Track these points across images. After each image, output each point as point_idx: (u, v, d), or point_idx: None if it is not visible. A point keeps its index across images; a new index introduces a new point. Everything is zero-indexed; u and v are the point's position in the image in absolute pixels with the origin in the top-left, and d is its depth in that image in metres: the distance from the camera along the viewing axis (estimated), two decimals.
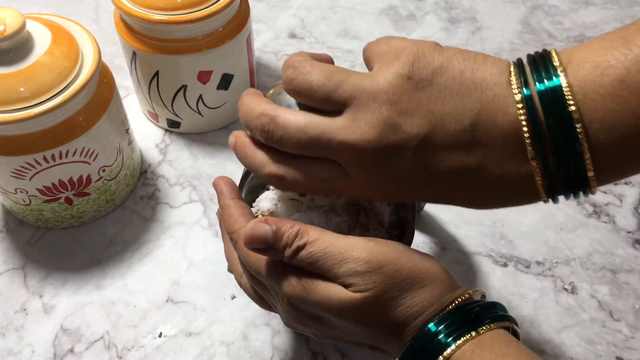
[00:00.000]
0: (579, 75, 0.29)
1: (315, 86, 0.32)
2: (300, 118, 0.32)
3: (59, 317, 0.50)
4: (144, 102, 0.62)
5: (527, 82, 0.30)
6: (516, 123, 0.29)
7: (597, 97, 0.28)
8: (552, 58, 0.30)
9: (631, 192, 0.58)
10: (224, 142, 0.63)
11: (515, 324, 0.34)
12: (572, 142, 0.28)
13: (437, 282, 0.33)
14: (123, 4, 0.53)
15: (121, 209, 0.57)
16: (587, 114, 0.28)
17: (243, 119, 0.35)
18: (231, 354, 0.48)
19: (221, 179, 0.40)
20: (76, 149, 0.49)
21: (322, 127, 0.32)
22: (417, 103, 0.31)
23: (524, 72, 0.30)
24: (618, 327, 0.49)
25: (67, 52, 0.47)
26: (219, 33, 0.55)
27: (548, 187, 0.30)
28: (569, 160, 0.29)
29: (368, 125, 0.31)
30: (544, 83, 0.29)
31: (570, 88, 0.29)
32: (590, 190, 0.30)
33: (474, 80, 0.30)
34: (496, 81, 0.30)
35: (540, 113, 0.29)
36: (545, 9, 0.78)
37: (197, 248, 0.54)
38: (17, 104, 0.44)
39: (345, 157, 0.32)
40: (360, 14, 0.77)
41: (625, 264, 0.53)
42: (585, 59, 0.29)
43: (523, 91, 0.29)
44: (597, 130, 0.28)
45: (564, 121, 0.28)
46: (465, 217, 0.56)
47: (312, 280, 0.33)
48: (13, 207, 0.54)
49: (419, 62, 0.31)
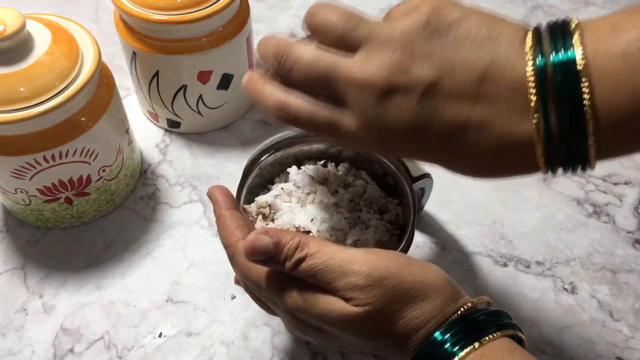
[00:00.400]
0: (592, 36, 0.29)
1: (333, 24, 0.33)
2: (313, 51, 0.33)
3: (59, 317, 0.50)
4: (144, 102, 0.62)
5: (542, 40, 0.29)
6: (523, 79, 0.29)
7: (607, 55, 0.28)
8: (570, 21, 0.30)
9: (631, 192, 0.58)
10: (224, 142, 0.63)
11: (520, 331, 0.34)
12: (576, 95, 0.28)
13: (439, 293, 0.33)
14: (123, 4, 0.53)
15: (121, 209, 0.57)
16: (596, 74, 0.28)
17: (259, 51, 0.36)
18: (231, 354, 0.48)
19: (216, 189, 0.40)
20: (76, 149, 0.49)
21: (333, 62, 0.32)
22: (430, 50, 0.31)
23: (539, 33, 0.30)
24: (618, 327, 0.49)
25: (67, 52, 0.47)
26: (219, 33, 0.55)
27: (547, 153, 0.29)
28: (571, 117, 0.28)
29: (378, 66, 0.31)
30: (557, 43, 0.29)
31: (584, 49, 0.28)
32: (589, 163, 0.29)
33: (489, 35, 0.30)
34: (510, 37, 0.30)
35: (550, 70, 0.28)
36: (545, 9, 0.78)
37: (197, 248, 0.54)
38: (17, 104, 0.44)
39: (351, 95, 0.32)
40: None
41: (625, 264, 0.53)
42: (604, 21, 0.29)
43: (535, 50, 0.29)
44: (602, 90, 0.28)
45: (570, 72, 0.28)
46: (466, 217, 0.56)
47: (313, 294, 0.33)
48: (13, 207, 0.54)
49: (437, 13, 0.31)
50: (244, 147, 0.62)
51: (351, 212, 0.46)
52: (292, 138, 0.48)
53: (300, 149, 0.48)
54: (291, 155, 0.48)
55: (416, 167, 0.46)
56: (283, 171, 0.49)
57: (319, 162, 0.49)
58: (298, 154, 0.49)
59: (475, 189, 0.58)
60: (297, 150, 0.48)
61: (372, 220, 0.45)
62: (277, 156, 0.47)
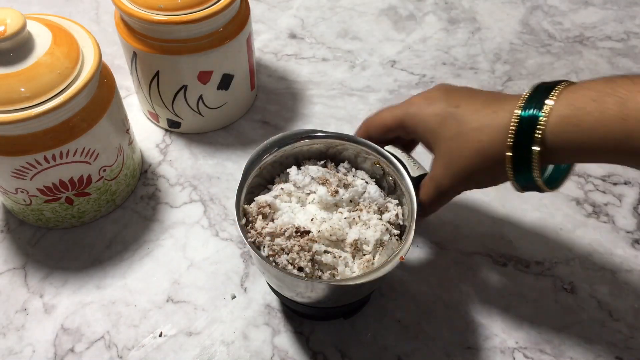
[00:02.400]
0: (562, 109, 0.37)
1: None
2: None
3: (59, 317, 0.50)
4: (144, 102, 0.62)
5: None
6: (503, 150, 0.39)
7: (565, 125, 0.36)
8: (553, 91, 0.38)
9: (630, 192, 0.58)
10: (224, 142, 0.63)
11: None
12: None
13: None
14: (123, 4, 0.53)
15: (121, 209, 0.57)
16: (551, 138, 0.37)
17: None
18: (231, 354, 0.48)
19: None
20: (77, 149, 0.49)
21: None
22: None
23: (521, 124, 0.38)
24: (618, 327, 0.49)
25: (67, 53, 0.47)
26: (220, 33, 0.55)
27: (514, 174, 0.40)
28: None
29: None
30: (529, 110, 0.38)
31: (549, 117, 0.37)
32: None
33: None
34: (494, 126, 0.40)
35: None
36: (544, 9, 0.78)
37: (197, 248, 0.54)
38: (17, 104, 0.44)
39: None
40: (360, 14, 0.77)
41: (625, 263, 0.53)
42: (577, 98, 0.36)
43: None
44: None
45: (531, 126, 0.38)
46: (465, 217, 0.56)
47: None
48: (14, 207, 0.54)
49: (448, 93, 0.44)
50: (244, 147, 0.62)
51: (351, 212, 0.46)
52: (292, 138, 0.48)
53: (300, 149, 0.48)
54: (291, 155, 0.48)
55: (416, 166, 0.47)
56: (283, 171, 0.49)
57: (319, 162, 0.49)
58: (298, 153, 0.49)
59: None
60: (297, 150, 0.48)
61: (372, 220, 0.45)
62: (277, 156, 0.47)
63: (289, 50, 0.72)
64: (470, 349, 0.48)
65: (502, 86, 0.68)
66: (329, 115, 0.65)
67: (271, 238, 0.43)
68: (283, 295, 0.46)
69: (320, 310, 0.48)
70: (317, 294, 0.43)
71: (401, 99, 0.46)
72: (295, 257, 0.42)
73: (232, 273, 0.53)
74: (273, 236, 0.43)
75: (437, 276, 0.52)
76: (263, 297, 0.51)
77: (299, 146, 0.48)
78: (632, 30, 0.75)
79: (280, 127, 0.64)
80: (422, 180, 0.46)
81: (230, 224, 0.56)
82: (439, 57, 0.72)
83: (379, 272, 0.40)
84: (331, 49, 0.73)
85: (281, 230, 0.43)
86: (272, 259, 0.42)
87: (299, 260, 0.42)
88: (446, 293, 0.51)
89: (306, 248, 0.42)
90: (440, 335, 0.49)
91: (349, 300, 0.46)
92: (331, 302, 0.45)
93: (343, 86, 0.68)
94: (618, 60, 0.71)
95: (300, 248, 0.42)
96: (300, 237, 0.43)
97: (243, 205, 0.45)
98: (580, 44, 0.73)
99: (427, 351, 0.48)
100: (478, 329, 0.49)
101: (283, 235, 0.43)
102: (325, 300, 0.44)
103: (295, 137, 0.48)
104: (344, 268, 0.43)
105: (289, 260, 0.42)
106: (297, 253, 0.42)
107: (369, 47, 0.73)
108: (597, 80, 0.36)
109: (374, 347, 0.48)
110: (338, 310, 0.47)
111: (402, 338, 0.49)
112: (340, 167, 0.49)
